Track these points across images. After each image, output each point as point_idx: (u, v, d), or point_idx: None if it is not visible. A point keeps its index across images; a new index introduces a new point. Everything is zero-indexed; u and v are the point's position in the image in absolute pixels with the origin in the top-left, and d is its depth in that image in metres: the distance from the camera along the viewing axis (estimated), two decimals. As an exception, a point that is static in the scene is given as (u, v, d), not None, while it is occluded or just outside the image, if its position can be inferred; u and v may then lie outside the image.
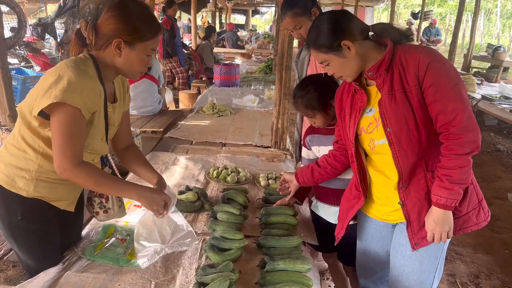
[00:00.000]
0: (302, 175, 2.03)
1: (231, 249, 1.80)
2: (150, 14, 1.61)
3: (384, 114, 1.52)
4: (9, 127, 2.94)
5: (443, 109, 1.41)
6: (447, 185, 1.46)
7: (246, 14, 26.19)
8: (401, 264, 1.71)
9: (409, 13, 18.17)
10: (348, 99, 1.70)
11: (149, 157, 3.03)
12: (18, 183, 1.55)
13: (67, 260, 1.75)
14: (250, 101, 4.76)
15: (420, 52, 1.45)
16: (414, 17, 14.39)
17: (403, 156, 1.53)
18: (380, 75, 1.52)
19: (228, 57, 9.87)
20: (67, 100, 1.40)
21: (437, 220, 1.51)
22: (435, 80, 1.41)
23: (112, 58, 1.56)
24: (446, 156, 1.45)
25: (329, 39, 1.50)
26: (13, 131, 1.61)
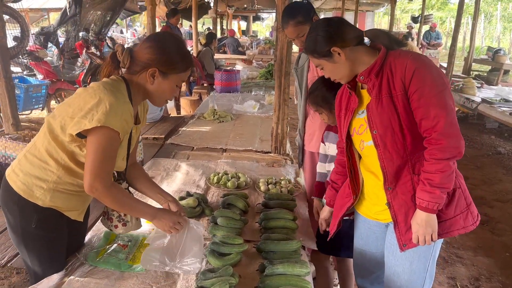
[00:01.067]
0: (331, 198, 2.04)
1: (231, 254, 1.83)
2: (185, 49, 1.71)
3: (371, 117, 1.58)
4: (12, 135, 2.98)
5: (426, 115, 1.46)
6: (428, 188, 1.50)
7: (247, 20, 26.29)
8: (392, 264, 1.75)
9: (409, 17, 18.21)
10: (345, 100, 1.77)
11: (150, 163, 3.06)
12: (35, 193, 1.59)
13: (70, 266, 1.78)
14: (250, 106, 4.79)
15: (408, 58, 1.50)
16: (414, 21, 14.43)
17: (388, 158, 1.59)
18: (370, 79, 1.58)
19: (229, 63, 9.92)
20: (110, 124, 1.48)
21: (420, 223, 1.55)
22: (420, 86, 1.46)
23: (144, 84, 1.66)
24: (428, 160, 1.50)
25: (320, 45, 1.59)
26: (35, 142, 1.65)
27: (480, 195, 4.38)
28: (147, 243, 1.87)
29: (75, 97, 1.58)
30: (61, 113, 1.57)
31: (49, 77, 6.53)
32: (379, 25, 27.47)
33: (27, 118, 6.90)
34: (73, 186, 1.63)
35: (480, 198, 4.29)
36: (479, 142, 6.50)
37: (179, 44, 1.69)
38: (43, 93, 6.14)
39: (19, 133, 3.09)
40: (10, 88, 3.31)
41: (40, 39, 7.11)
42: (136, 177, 1.95)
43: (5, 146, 2.89)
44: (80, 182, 1.64)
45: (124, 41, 17.14)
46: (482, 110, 6.27)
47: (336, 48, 1.56)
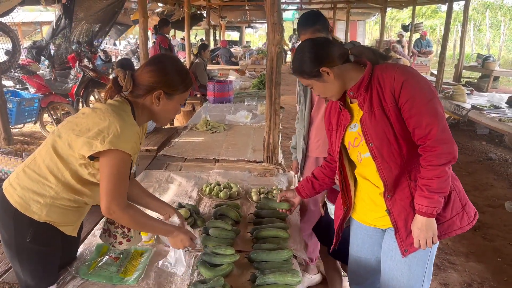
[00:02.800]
0: (304, 190, 2.13)
1: (223, 265, 1.84)
2: (184, 68, 1.78)
3: (365, 131, 1.63)
4: (4, 149, 2.98)
5: (419, 124, 1.52)
6: (426, 194, 1.56)
7: (240, 31, 26.49)
8: (391, 268, 1.78)
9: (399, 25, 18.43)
10: (335, 115, 1.82)
11: (143, 175, 3.07)
12: (32, 207, 1.60)
13: (62, 280, 1.78)
14: (243, 116, 4.81)
15: (395, 71, 1.56)
16: (404, 30, 14.59)
17: (387, 168, 1.63)
18: (360, 94, 1.63)
19: (222, 73, 9.96)
20: (122, 147, 1.52)
21: (421, 227, 1.60)
22: (410, 97, 1.52)
23: (150, 106, 1.71)
24: (425, 167, 1.55)
25: (309, 66, 1.64)
26: (35, 157, 1.67)
27: (472, 201, 4.31)
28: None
29: (82, 117, 1.62)
30: (67, 131, 1.60)
31: (42, 90, 6.52)
32: (370, 34, 27.77)
33: (20, 132, 6.88)
34: (70, 201, 1.66)
35: (472, 204, 4.30)
36: (470, 148, 6.56)
37: (179, 64, 1.76)
38: (35, 106, 6.14)
39: (11, 147, 3.08)
40: (2, 103, 3.32)
41: (32, 53, 7.12)
42: (134, 192, 1.98)
43: (-3, 161, 2.88)
44: (77, 198, 1.67)
45: (117, 53, 17.20)
46: (472, 117, 6.34)
47: (325, 68, 1.61)
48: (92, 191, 1.70)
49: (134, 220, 1.69)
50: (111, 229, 1.84)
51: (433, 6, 24.99)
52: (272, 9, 3.00)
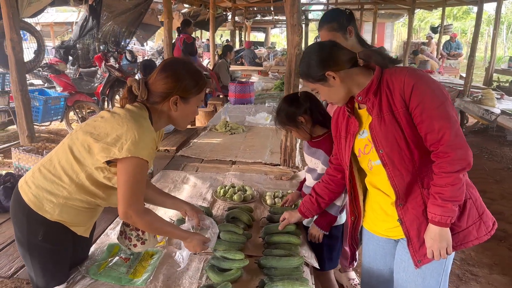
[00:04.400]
0: (309, 210, 2.07)
1: (231, 269, 1.81)
2: (197, 70, 1.77)
3: (375, 137, 1.57)
4: (26, 147, 3.04)
5: (431, 128, 1.45)
6: (439, 202, 1.48)
7: (265, 32, 26.49)
8: (404, 280, 1.72)
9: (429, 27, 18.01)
10: (344, 122, 1.76)
11: (159, 175, 3.08)
12: (45, 206, 1.63)
13: (72, 279, 1.79)
14: (263, 118, 4.79)
15: (405, 74, 1.49)
16: (433, 31, 14.24)
17: (398, 176, 1.57)
18: (369, 99, 1.57)
19: (245, 74, 9.97)
20: (139, 154, 1.54)
21: (434, 237, 1.53)
22: (420, 101, 1.45)
23: (168, 111, 1.72)
24: (438, 174, 1.49)
25: (314, 70, 1.60)
26: (51, 157, 1.69)
27: (499, 210, 4.23)
28: None
29: (101, 121, 1.63)
30: (85, 134, 1.61)
31: (68, 89, 6.67)
32: (398, 36, 27.24)
33: (47, 130, 7.06)
34: (83, 202, 1.67)
35: (499, 213, 4.13)
36: (499, 155, 6.31)
37: (191, 66, 1.75)
38: (61, 105, 6.28)
39: (33, 145, 3.15)
40: (26, 101, 3.39)
41: (60, 53, 7.30)
42: (151, 193, 2.00)
43: (18, 158, 2.95)
44: (90, 200, 1.68)
45: (144, 53, 17.47)
46: (501, 122, 6.09)
47: (331, 72, 1.57)
48: (105, 193, 1.70)
49: (150, 225, 1.70)
50: (126, 231, 1.85)
51: (464, 7, 24.34)
52: (292, 10, 2.96)
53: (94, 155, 1.58)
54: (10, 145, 4.36)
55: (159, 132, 1.86)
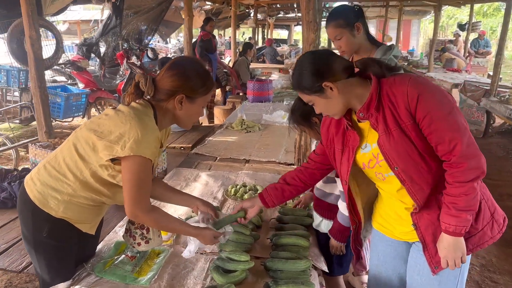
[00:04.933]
0: (271, 198, 1.92)
1: (236, 271, 1.78)
2: (205, 70, 1.74)
3: (386, 155, 1.48)
4: (43, 143, 3.09)
5: (441, 140, 1.38)
6: (454, 212, 1.42)
7: (289, 29, 26.33)
8: (418, 284, 1.65)
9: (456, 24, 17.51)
10: (339, 134, 1.67)
11: (172, 173, 3.08)
12: (49, 203, 1.63)
13: (77, 276, 1.80)
14: (280, 116, 4.74)
15: (407, 85, 1.40)
16: (461, 29, 13.85)
17: (419, 190, 1.49)
18: (371, 115, 1.49)
19: (266, 72, 9.92)
20: (142, 153, 1.53)
21: (448, 247, 1.48)
22: (428, 112, 1.37)
23: (173, 110, 1.70)
24: (451, 183, 1.42)
25: (310, 81, 1.48)
26: (56, 154, 1.70)
27: None
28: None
29: (105, 119, 1.62)
30: (89, 132, 1.61)
31: (90, 86, 6.78)
32: (425, 33, 26.61)
33: (69, 126, 7.21)
34: (87, 200, 1.67)
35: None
36: (528, 157, 6.07)
37: (200, 67, 1.73)
38: (83, 101, 6.39)
39: (50, 141, 3.20)
40: (44, 98, 3.44)
41: (82, 50, 7.43)
42: (158, 191, 1.98)
43: (35, 154, 3.00)
44: (95, 197, 1.68)
45: (167, 51, 17.64)
46: (531, 123, 5.86)
47: (328, 83, 1.46)
48: (110, 191, 1.70)
49: (157, 222, 1.70)
50: (131, 229, 1.84)
51: (495, 3, 23.53)
52: (308, 6, 2.89)
53: (98, 153, 1.57)
54: (29, 141, 4.45)
55: (165, 130, 1.84)
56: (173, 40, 23.16)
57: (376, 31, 19.40)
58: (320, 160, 1.86)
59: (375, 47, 2.28)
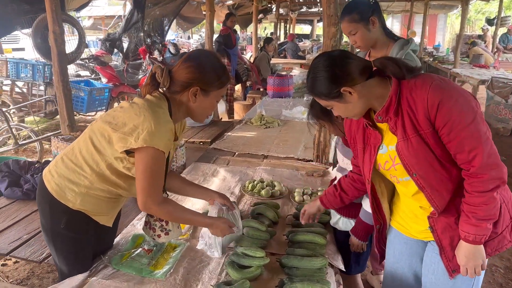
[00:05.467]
0: (331, 204, 1.97)
1: (251, 267, 1.77)
2: (222, 65, 1.74)
3: (405, 161, 1.43)
4: (65, 136, 3.15)
5: (461, 149, 1.33)
6: (474, 222, 1.39)
7: (311, 24, 26.10)
8: (433, 283, 1.61)
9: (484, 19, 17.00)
10: (359, 131, 1.63)
11: (190, 168, 3.09)
12: (67, 195, 1.65)
13: (94, 268, 1.82)
14: (299, 112, 4.70)
15: (427, 90, 1.33)
16: (489, 23, 13.44)
17: (438, 196, 1.45)
18: (390, 118, 1.44)
19: (287, 67, 9.86)
20: (155, 144, 1.53)
21: (468, 255, 1.44)
22: (448, 120, 1.31)
23: (187, 102, 1.69)
24: (471, 193, 1.37)
25: (327, 87, 1.41)
26: (73, 147, 1.72)
27: None
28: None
29: (120, 111, 1.63)
30: (104, 124, 1.62)
31: (112, 81, 6.88)
32: (451, 28, 25.95)
33: (92, 119, 7.34)
34: (104, 192, 1.68)
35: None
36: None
37: (216, 60, 1.72)
38: (106, 96, 6.48)
39: (72, 134, 3.26)
40: (67, 92, 3.50)
41: (106, 45, 7.54)
42: (176, 184, 2.00)
43: (57, 146, 3.06)
44: (111, 189, 1.69)
45: (189, 46, 17.73)
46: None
47: (347, 88, 1.39)
48: (126, 183, 1.71)
49: (171, 214, 1.71)
50: (151, 221, 1.85)
51: (526, -3, 22.71)
52: (329, 0, 2.85)
53: (113, 145, 1.59)
54: (52, 134, 4.55)
55: (180, 123, 1.84)
56: (195, 35, 23.27)
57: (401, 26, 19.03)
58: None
59: (392, 41, 2.20)
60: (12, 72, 6.46)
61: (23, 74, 6.39)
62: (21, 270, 3.02)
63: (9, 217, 2.46)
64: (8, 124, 4.76)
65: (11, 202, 2.63)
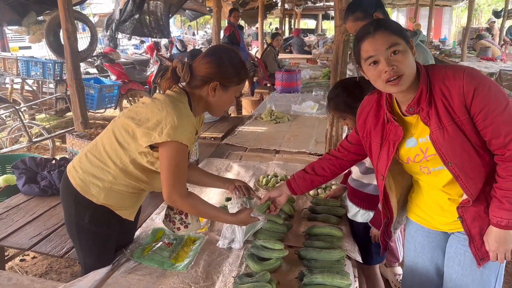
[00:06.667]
0: (299, 187, 1.93)
1: (271, 259, 1.80)
2: (241, 61, 1.77)
3: (440, 150, 1.45)
4: (79, 133, 3.19)
5: (496, 134, 1.36)
6: (507, 206, 1.40)
7: (316, 19, 26.01)
8: (459, 274, 1.62)
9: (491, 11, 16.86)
10: (378, 127, 1.63)
11: (204, 163, 3.12)
12: (91, 190, 1.69)
13: (117, 261, 1.86)
14: (309, 107, 4.71)
15: (462, 79, 1.37)
16: (496, 16, 13.35)
17: (472, 184, 1.47)
18: (422, 109, 1.45)
19: (293, 63, 9.86)
20: (179, 138, 1.57)
21: (499, 240, 1.46)
22: (484, 106, 1.35)
23: (206, 97, 1.73)
24: (505, 177, 1.39)
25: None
26: (97, 142, 1.76)
27: None
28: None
29: (142, 107, 1.67)
30: (127, 120, 1.66)
31: (121, 78, 6.93)
32: (457, 21, 25.77)
33: (102, 116, 7.39)
34: (127, 187, 1.72)
35: None
36: None
37: (236, 56, 1.75)
38: (115, 93, 6.53)
39: (86, 131, 3.30)
40: (80, 89, 3.54)
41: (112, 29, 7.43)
42: (196, 177, 2.05)
43: (72, 143, 3.09)
44: (135, 184, 1.73)
45: (194, 42, 17.75)
46: None
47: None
48: (149, 178, 1.74)
49: (194, 208, 1.75)
50: (170, 214, 1.89)
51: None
52: (340, -6, 2.86)
53: (137, 140, 1.62)
54: (66, 131, 4.60)
55: (199, 117, 1.87)
56: (200, 31, 23.27)
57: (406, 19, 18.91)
58: (354, 150, 1.84)
59: None
60: (23, 70, 6.52)
61: (34, 72, 6.45)
62: (40, 265, 3.08)
63: (28, 213, 2.50)
64: (22, 122, 4.82)
65: (29, 198, 2.67)
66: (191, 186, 2.24)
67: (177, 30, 22.76)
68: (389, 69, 1.36)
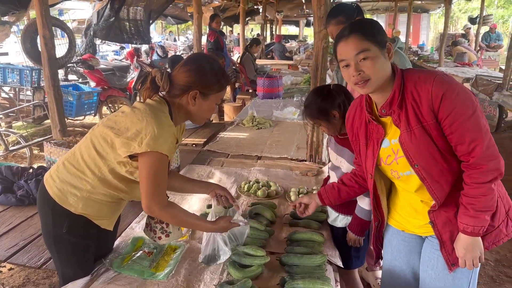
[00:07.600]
0: (328, 196, 1.97)
1: (252, 266, 1.79)
2: (221, 68, 1.76)
3: (407, 152, 1.48)
4: (57, 141, 3.13)
5: (461, 140, 1.39)
6: (472, 213, 1.43)
7: (298, 25, 26.22)
8: (432, 278, 1.65)
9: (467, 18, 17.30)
10: (362, 127, 1.66)
11: (185, 170, 3.10)
12: (69, 199, 1.66)
13: (96, 271, 1.83)
14: (290, 113, 4.74)
15: (431, 84, 1.40)
16: (471, 22, 13.69)
17: (438, 188, 1.49)
18: (394, 111, 1.49)
19: (275, 69, 9.90)
20: (159, 149, 1.55)
21: (466, 247, 1.48)
22: (450, 112, 1.37)
23: (186, 105, 1.71)
24: (469, 184, 1.42)
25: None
26: (74, 151, 1.73)
27: None
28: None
29: (122, 116, 1.65)
30: (106, 129, 1.63)
31: (101, 84, 6.84)
32: (435, 27, 26.32)
33: (81, 123, 7.28)
34: (106, 196, 1.70)
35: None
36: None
37: (215, 64, 1.74)
38: (94, 100, 6.45)
39: (64, 139, 3.23)
40: (58, 96, 3.47)
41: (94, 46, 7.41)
42: (176, 184, 2.03)
43: (50, 152, 3.04)
44: (113, 194, 1.70)
45: (176, 48, 17.68)
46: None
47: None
48: (128, 187, 1.72)
49: (174, 217, 1.72)
50: (151, 223, 1.87)
51: (506, -4, 23.16)
52: (319, 2, 2.90)
53: (116, 150, 1.60)
54: (44, 139, 4.51)
55: (180, 126, 1.86)
56: (181, 37, 23.18)
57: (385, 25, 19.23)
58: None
59: None
60: (-1, 77, 6.38)
61: (10, 79, 6.31)
62: (16, 277, 3.00)
63: (4, 223, 2.43)
64: (-3, 130, 4.71)
65: (5, 208, 2.61)
66: (171, 193, 2.22)
67: (158, 36, 22.60)
68: (356, 74, 1.43)
